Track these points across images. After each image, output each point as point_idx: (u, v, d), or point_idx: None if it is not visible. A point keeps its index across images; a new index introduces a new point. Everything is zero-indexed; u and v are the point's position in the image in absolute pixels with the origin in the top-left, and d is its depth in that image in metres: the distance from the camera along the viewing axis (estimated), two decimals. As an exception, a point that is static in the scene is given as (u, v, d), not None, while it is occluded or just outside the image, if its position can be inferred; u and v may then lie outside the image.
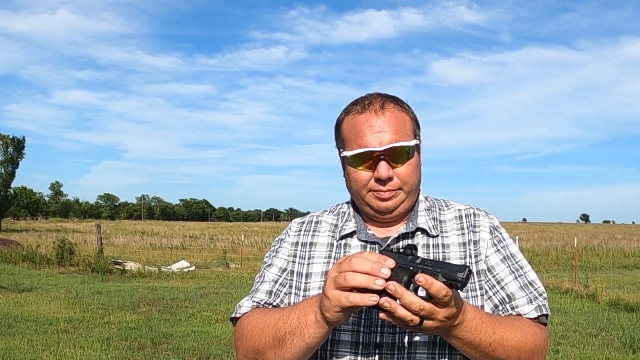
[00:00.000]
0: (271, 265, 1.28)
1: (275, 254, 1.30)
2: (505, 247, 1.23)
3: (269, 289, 1.24)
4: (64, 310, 8.48)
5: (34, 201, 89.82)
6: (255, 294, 1.24)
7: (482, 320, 1.04)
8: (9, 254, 15.52)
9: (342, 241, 1.25)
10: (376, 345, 1.12)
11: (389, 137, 1.16)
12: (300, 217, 1.36)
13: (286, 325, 1.07)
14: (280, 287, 1.24)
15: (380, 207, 1.20)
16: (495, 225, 1.25)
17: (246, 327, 1.15)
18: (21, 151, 44.72)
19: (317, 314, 1.03)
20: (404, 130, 1.18)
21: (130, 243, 22.56)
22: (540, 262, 17.44)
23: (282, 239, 1.32)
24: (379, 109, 1.19)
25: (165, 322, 7.79)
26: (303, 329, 1.05)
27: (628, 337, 6.99)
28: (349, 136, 1.20)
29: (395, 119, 1.18)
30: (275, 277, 1.25)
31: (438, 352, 1.12)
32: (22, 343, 6.25)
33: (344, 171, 1.26)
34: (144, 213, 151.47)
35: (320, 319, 1.02)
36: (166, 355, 5.99)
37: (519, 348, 1.07)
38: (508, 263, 1.20)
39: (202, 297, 9.99)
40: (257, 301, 1.23)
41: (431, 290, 0.91)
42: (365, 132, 1.17)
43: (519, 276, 1.19)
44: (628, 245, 24.79)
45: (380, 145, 1.15)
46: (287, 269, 1.26)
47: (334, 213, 1.32)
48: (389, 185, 1.17)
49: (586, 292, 10.67)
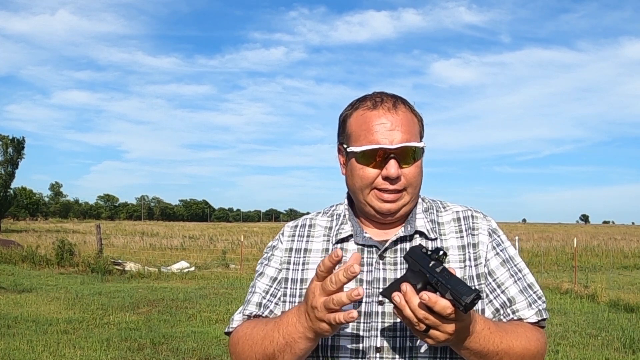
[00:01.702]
0: (262, 274, 1.26)
1: (267, 262, 1.28)
2: (504, 250, 1.23)
3: (258, 301, 1.23)
4: (63, 311, 8.47)
5: (33, 202, 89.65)
6: (247, 306, 1.24)
7: (490, 331, 1.05)
8: (8, 254, 15.51)
9: (338, 245, 1.22)
10: (377, 349, 1.12)
11: (400, 137, 1.15)
12: (293, 221, 1.32)
13: (273, 344, 1.08)
14: (271, 298, 1.23)
15: (382, 209, 1.18)
16: (494, 227, 1.25)
17: (237, 344, 1.16)
18: (21, 152, 44.65)
19: (306, 332, 1.03)
20: (413, 131, 1.18)
21: (130, 243, 22.55)
22: (540, 262, 17.43)
23: (275, 246, 1.29)
24: (391, 107, 1.18)
25: (165, 322, 7.79)
26: (292, 346, 1.06)
27: (628, 337, 6.99)
28: (358, 132, 1.18)
29: (407, 119, 1.18)
30: (266, 288, 1.24)
31: (439, 356, 1.12)
32: (21, 343, 6.25)
33: (346, 168, 1.23)
34: (143, 213, 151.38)
35: (309, 335, 1.03)
36: (166, 355, 5.98)
37: (524, 355, 1.09)
38: (507, 266, 1.21)
39: (202, 298, 9.98)
40: (247, 314, 1.23)
41: (435, 308, 0.93)
42: (376, 129, 1.15)
43: (518, 279, 1.20)
44: (628, 246, 24.79)
45: (392, 144, 1.14)
46: (278, 278, 1.24)
47: (328, 215, 1.30)
48: (396, 184, 1.16)
49: (586, 293, 10.67)
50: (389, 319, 1.13)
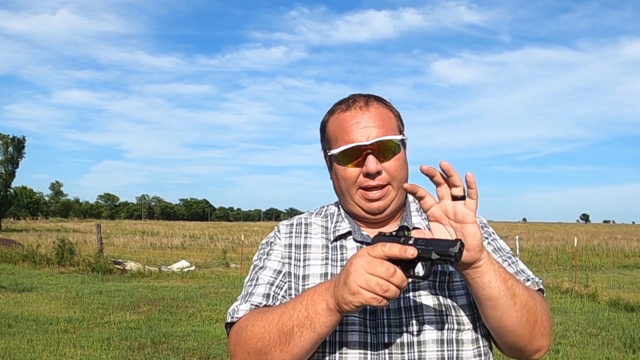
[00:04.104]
0: (264, 267, 1.23)
1: (267, 257, 1.25)
2: (494, 240, 1.27)
3: (265, 292, 1.18)
4: (64, 310, 8.48)
5: (34, 201, 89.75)
6: (251, 297, 1.18)
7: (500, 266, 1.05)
8: (9, 253, 15.51)
9: (336, 242, 1.22)
10: (385, 345, 1.12)
11: (375, 132, 1.16)
12: (287, 220, 1.32)
13: (293, 319, 1.02)
14: (277, 290, 1.20)
15: (370, 208, 1.19)
16: (484, 223, 1.29)
17: (245, 329, 1.09)
18: (21, 151, 44.66)
19: (328, 301, 1.00)
20: (389, 126, 1.19)
21: (131, 243, 22.53)
22: (541, 262, 17.42)
23: (272, 242, 1.28)
24: (363, 105, 1.20)
25: (165, 321, 7.79)
26: (313, 319, 1.01)
27: (628, 337, 6.99)
28: (335, 134, 1.20)
29: (380, 115, 1.19)
30: (271, 280, 1.21)
31: (447, 349, 1.12)
32: (22, 343, 6.25)
33: (331, 172, 1.26)
34: (144, 213, 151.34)
35: (333, 307, 0.99)
36: (166, 355, 5.98)
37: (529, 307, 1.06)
38: (500, 253, 1.24)
39: (202, 297, 9.98)
40: (255, 304, 1.16)
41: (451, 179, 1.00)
42: (351, 128, 1.17)
43: (511, 263, 1.23)
44: (628, 245, 24.76)
45: (368, 140, 1.15)
46: (282, 270, 1.22)
47: (321, 215, 1.30)
48: (378, 179, 1.17)
49: (586, 292, 10.66)
50: (394, 315, 1.13)
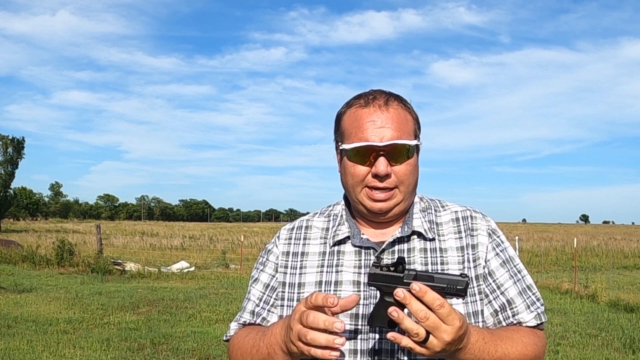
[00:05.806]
0: (257, 280, 1.27)
1: (262, 268, 1.28)
2: (504, 250, 1.22)
3: (252, 309, 1.25)
4: (63, 311, 8.47)
5: (33, 202, 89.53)
6: (242, 313, 1.27)
7: (485, 341, 1.04)
8: (8, 254, 15.50)
9: (335, 248, 1.21)
10: (375, 351, 1.11)
11: (390, 134, 1.13)
12: (289, 223, 1.31)
13: (259, 354, 1.11)
14: (264, 305, 1.24)
15: (373, 208, 1.17)
16: (493, 228, 1.24)
17: (232, 352, 1.21)
18: (21, 152, 44.64)
19: (282, 346, 1.04)
20: (405, 129, 1.16)
21: (130, 244, 22.54)
22: (540, 262, 17.42)
23: (270, 250, 1.29)
24: (382, 104, 1.16)
25: (165, 322, 7.79)
26: (273, 357, 1.08)
27: (628, 337, 6.99)
28: (350, 129, 1.17)
29: (398, 117, 1.16)
30: (260, 295, 1.25)
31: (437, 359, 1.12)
32: (21, 343, 6.25)
33: (340, 165, 1.23)
34: (143, 214, 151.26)
35: (286, 351, 1.04)
36: (166, 355, 5.98)
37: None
38: (507, 267, 1.20)
39: (202, 298, 9.98)
40: (242, 323, 1.26)
41: (425, 298, 0.91)
42: (366, 126, 1.14)
43: (517, 281, 1.20)
44: (628, 246, 24.79)
45: (381, 141, 1.13)
46: (271, 284, 1.25)
47: (325, 215, 1.29)
48: (386, 182, 1.15)
49: (586, 293, 10.66)
50: None
